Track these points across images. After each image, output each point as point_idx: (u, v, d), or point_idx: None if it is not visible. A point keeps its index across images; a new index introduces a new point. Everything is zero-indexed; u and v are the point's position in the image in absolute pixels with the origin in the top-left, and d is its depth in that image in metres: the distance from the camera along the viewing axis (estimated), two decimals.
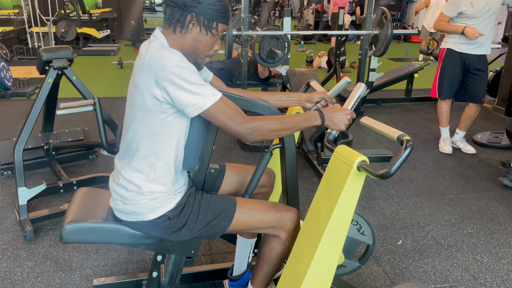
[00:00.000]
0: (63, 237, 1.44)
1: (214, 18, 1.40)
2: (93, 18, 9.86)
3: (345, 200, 1.33)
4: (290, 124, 1.43)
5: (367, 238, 1.88)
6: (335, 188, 1.35)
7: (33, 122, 2.68)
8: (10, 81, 5.49)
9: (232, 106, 1.36)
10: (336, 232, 1.37)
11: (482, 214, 2.89)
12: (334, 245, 1.39)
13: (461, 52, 3.66)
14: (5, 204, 2.85)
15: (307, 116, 1.45)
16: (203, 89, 1.32)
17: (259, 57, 3.74)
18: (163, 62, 1.30)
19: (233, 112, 1.34)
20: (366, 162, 1.29)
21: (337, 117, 1.46)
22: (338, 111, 1.47)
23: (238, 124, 1.34)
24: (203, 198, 1.52)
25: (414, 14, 8.14)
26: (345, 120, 1.47)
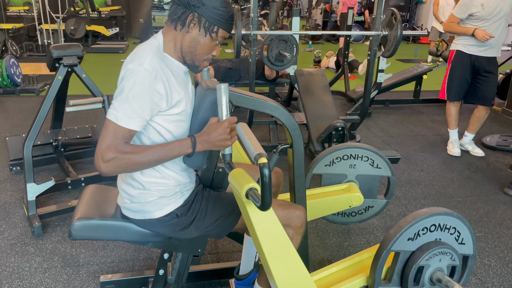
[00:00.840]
0: (72, 234, 1.45)
1: (216, 22, 1.38)
2: (102, 16, 9.91)
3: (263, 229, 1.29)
4: (155, 155, 1.31)
5: (383, 171, 1.83)
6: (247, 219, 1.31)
7: (43, 119, 2.70)
8: (20, 78, 5.54)
9: (117, 135, 1.27)
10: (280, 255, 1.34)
11: (490, 217, 2.86)
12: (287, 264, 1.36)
13: (471, 54, 3.64)
14: (14, 200, 2.88)
15: (177, 145, 1.34)
16: (125, 105, 1.27)
17: (267, 59, 3.73)
18: (129, 60, 1.32)
19: (110, 138, 1.26)
20: (255, 190, 1.19)
21: (214, 137, 1.33)
22: (213, 131, 1.33)
23: (100, 149, 1.26)
24: (211, 196, 1.52)
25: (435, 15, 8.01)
26: (225, 135, 1.33)
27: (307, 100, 3.69)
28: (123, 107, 1.27)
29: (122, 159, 1.26)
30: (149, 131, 1.38)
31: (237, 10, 3.62)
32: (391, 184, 1.86)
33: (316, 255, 2.39)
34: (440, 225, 1.46)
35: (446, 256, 1.48)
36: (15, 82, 5.39)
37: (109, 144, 1.26)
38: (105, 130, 1.28)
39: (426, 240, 1.47)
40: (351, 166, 2.01)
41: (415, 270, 1.45)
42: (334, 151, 2.03)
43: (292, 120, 1.59)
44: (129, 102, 1.27)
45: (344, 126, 3.21)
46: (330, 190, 2.04)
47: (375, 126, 4.68)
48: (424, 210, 1.45)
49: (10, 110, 4.78)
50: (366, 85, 3.82)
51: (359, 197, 1.91)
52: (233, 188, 1.29)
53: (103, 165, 1.26)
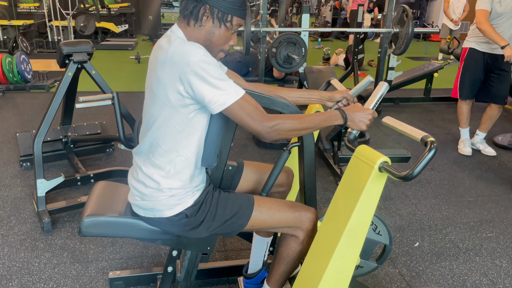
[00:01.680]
0: (82, 230, 1.45)
1: (229, 11, 1.36)
2: (111, 13, 9.94)
3: (366, 201, 1.31)
4: (310, 123, 1.40)
5: (383, 238, 1.85)
6: (355, 189, 1.33)
7: (53, 115, 2.72)
8: (30, 74, 5.58)
9: (253, 104, 1.34)
10: (355, 233, 1.35)
11: (502, 217, 2.83)
12: (353, 246, 1.37)
13: (484, 51, 3.58)
14: (24, 195, 2.89)
15: (328, 116, 1.43)
16: (227, 85, 1.30)
17: (275, 62, 3.71)
18: (187, 56, 1.28)
19: (254, 110, 1.32)
20: (388, 163, 1.27)
21: (358, 116, 1.44)
22: (360, 111, 1.45)
23: (258, 123, 1.32)
24: (221, 196, 1.51)
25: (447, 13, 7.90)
26: (366, 120, 1.45)
27: None
28: (230, 84, 1.31)
29: (285, 123, 1.34)
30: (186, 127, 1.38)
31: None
32: (386, 252, 1.88)
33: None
34: None
35: None
36: (25, 78, 5.43)
37: (260, 116, 1.32)
38: (242, 111, 1.31)
39: None
40: None
41: None
42: None
43: None
44: (226, 80, 1.31)
45: None
46: None
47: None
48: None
49: (20, 106, 4.81)
50: (376, 82, 3.79)
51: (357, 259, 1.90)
52: (358, 159, 1.35)
53: (270, 131, 1.33)
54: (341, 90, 1.75)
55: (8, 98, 5.12)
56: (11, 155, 3.51)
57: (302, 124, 1.39)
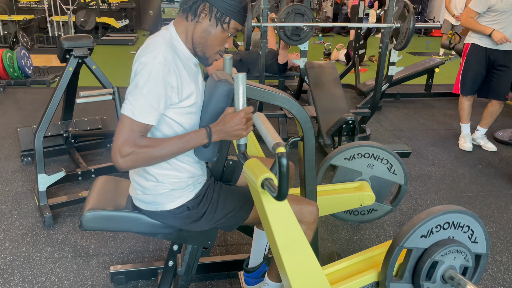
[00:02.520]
0: (83, 224, 1.46)
1: (228, 13, 1.35)
2: (112, 8, 9.91)
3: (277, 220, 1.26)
4: (171, 148, 1.30)
5: (398, 178, 1.79)
6: (261, 210, 1.29)
7: (54, 110, 2.72)
8: (31, 69, 5.57)
9: (133, 130, 1.26)
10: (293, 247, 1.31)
11: (502, 213, 2.83)
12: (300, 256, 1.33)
13: (486, 47, 3.57)
14: (25, 190, 2.90)
15: (193, 136, 1.33)
16: (141, 100, 1.26)
17: (283, 34, 3.61)
18: (141, 52, 1.31)
19: (126, 133, 1.25)
20: (271, 180, 1.16)
21: (229, 127, 1.32)
22: (229, 121, 1.32)
23: (117, 144, 1.24)
24: (222, 189, 1.51)
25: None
26: (241, 125, 1.32)
27: (317, 93, 3.66)
28: (139, 102, 1.26)
29: (139, 153, 1.26)
30: (160, 124, 1.37)
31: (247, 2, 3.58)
32: (401, 193, 1.82)
33: (326, 249, 2.38)
34: (454, 223, 1.44)
35: (461, 256, 1.46)
36: (26, 73, 5.43)
37: (126, 139, 1.25)
38: (121, 125, 1.27)
39: (439, 238, 1.45)
40: (369, 165, 1.97)
41: (429, 264, 1.44)
42: (358, 147, 1.99)
43: (303, 113, 1.57)
44: (144, 96, 1.26)
45: (354, 119, 3.18)
46: (342, 187, 2.02)
47: (385, 119, 4.64)
48: (438, 207, 1.43)
49: (21, 102, 4.81)
50: (377, 78, 3.78)
51: (371, 197, 1.88)
52: (247, 178, 1.27)
53: (121, 160, 1.25)
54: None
55: (9, 93, 5.12)
56: (12, 150, 3.51)
57: (160, 151, 1.28)
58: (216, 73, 1.52)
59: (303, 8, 3.57)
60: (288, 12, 3.56)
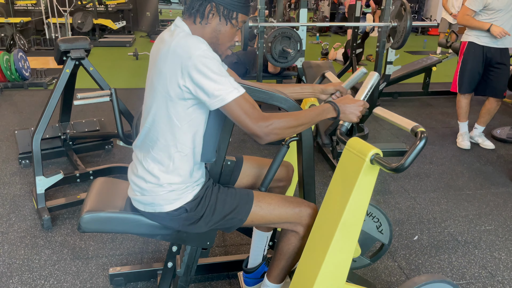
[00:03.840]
0: (81, 226, 1.45)
1: (234, 8, 1.37)
2: (109, 9, 9.91)
3: (359, 193, 1.32)
4: (305, 119, 1.40)
5: (383, 237, 1.84)
6: (348, 182, 1.33)
7: (51, 112, 2.71)
8: (28, 71, 5.56)
9: (251, 102, 1.33)
10: (350, 225, 1.35)
11: (501, 210, 2.83)
12: (349, 238, 1.37)
13: (483, 45, 3.58)
14: (23, 193, 2.90)
15: (321, 109, 1.43)
16: (227, 82, 1.29)
17: (271, 56, 3.69)
18: (190, 50, 1.28)
19: (251, 109, 1.31)
20: (380, 155, 1.27)
21: (348, 108, 1.44)
22: (350, 103, 1.44)
23: (254, 122, 1.30)
24: (220, 191, 1.51)
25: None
26: (357, 111, 1.44)
27: None
28: (230, 81, 1.30)
29: (280, 122, 1.33)
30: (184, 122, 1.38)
31: None
32: (382, 251, 1.87)
33: None
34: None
35: None
36: (23, 76, 5.42)
37: (256, 115, 1.31)
38: (239, 109, 1.30)
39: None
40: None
41: None
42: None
43: None
44: (227, 77, 1.30)
45: None
46: None
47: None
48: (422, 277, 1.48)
49: (18, 104, 4.81)
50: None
51: (357, 250, 1.90)
52: (350, 152, 1.35)
53: (266, 131, 1.30)
54: (334, 83, 1.74)
55: (6, 96, 5.11)
56: (10, 153, 3.51)
57: (297, 120, 1.37)
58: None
59: (290, 31, 3.61)
60: (276, 36, 3.60)
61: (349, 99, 1.46)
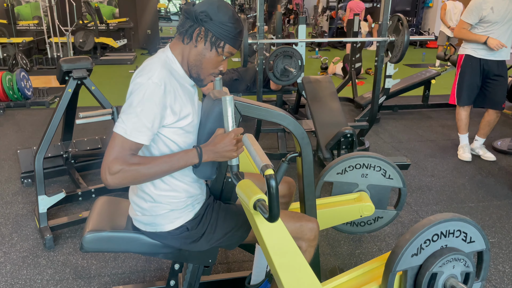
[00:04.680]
0: (84, 246, 1.46)
1: (223, 37, 1.37)
2: (110, 28, 10.02)
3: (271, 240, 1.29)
4: (161, 167, 1.30)
5: (395, 182, 1.81)
6: (256, 230, 1.32)
7: (53, 131, 2.73)
8: (30, 91, 5.61)
9: (125, 148, 1.27)
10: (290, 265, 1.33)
11: (504, 222, 2.82)
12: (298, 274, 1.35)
13: (480, 58, 3.61)
14: (25, 212, 2.90)
15: (183, 155, 1.34)
16: (134, 119, 1.27)
17: (273, 75, 3.76)
18: (138, 73, 1.34)
19: (116, 151, 1.26)
20: (263, 201, 1.19)
21: (220, 148, 1.33)
22: (219, 142, 1.34)
23: (106, 162, 1.26)
24: (221, 208, 1.51)
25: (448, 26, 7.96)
26: (231, 146, 1.33)
27: (315, 107, 3.69)
28: (132, 121, 1.28)
29: (128, 170, 1.26)
30: (157, 142, 1.39)
31: (243, 20, 3.64)
32: (402, 196, 1.83)
33: (328, 264, 2.37)
34: (442, 232, 1.44)
35: (459, 263, 1.45)
36: (25, 95, 5.46)
37: (116, 156, 1.26)
38: (113, 143, 1.28)
39: (431, 251, 1.45)
40: (363, 175, 1.99)
41: (428, 278, 1.43)
42: (347, 159, 2.02)
43: (300, 129, 1.58)
44: (138, 116, 1.28)
45: (352, 132, 3.20)
46: (341, 199, 2.03)
47: (384, 132, 4.66)
48: (422, 222, 1.43)
49: (21, 123, 4.84)
50: (374, 91, 3.81)
51: (370, 207, 1.89)
52: (240, 200, 1.29)
53: (110, 178, 1.25)
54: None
55: (9, 115, 5.15)
56: (12, 172, 3.52)
57: (149, 169, 1.28)
58: (213, 92, 1.54)
59: (291, 50, 3.68)
60: (277, 54, 3.67)
61: (218, 137, 1.35)
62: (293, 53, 3.69)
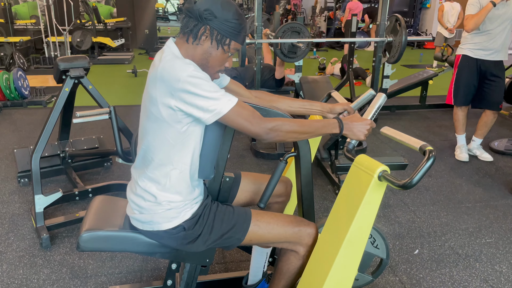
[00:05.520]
0: (80, 245, 1.45)
1: (228, 34, 1.38)
2: (108, 28, 10.00)
3: (365, 209, 1.32)
4: (309, 128, 1.42)
5: (381, 252, 1.84)
6: (355, 198, 1.34)
7: (50, 131, 2.72)
8: (27, 90, 5.59)
9: (248, 109, 1.36)
10: (355, 243, 1.35)
11: (501, 223, 2.83)
12: (353, 256, 1.37)
13: (477, 58, 3.62)
14: (22, 212, 2.89)
15: (326, 123, 1.46)
16: (219, 95, 1.32)
17: (280, 52, 3.67)
18: (177, 73, 1.30)
19: (251, 115, 1.35)
20: (387, 172, 1.29)
21: (356, 127, 1.47)
22: (358, 121, 1.47)
23: (257, 125, 1.34)
24: (218, 210, 1.51)
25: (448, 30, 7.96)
26: (364, 130, 1.47)
27: None
28: (221, 94, 1.32)
29: (284, 124, 1.37)
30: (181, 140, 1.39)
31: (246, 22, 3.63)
32: (382, 266, 1.87)
33: None
34: None
35: None
36: (22, 94, 5.44)
37: (258, 118, 1.35)
38: (239, 118, 1.33)
39: None
40: None
41: None
42: None
43: None
44: (217, 91, 1.32)
45: None
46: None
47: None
48: None
49: (18, 122, 4.82)
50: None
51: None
52: (358, 169, 1.37)
53: (268, 132, 1.35)
54: (342, 103, 1.77)
55: (6, 114, 5.13)
56: (9, 172, 3.51)
57: (300, 127, 1.40)
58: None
59: (299, 26, 3.62)
60: (285, 31, 3.61)
61: (357, 117, 1.49)
62: (301, 29, 3.63)
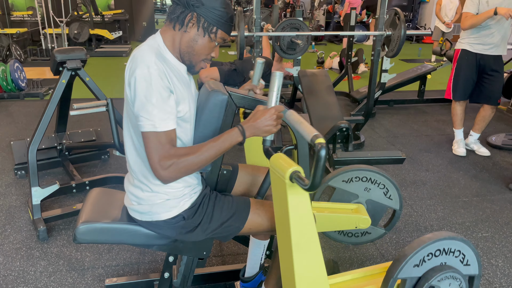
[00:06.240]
0: (77, 237, 1.45)
1: (215, 23, 1.37)
2: (105, 20, 9.94)
3: (296, 214, 1.27)
4: (209, 152, 1.33)
5: (394, 203, 1.81)
6: (282, 204, 1.30)
7: (47, 123, 2.71)
8: (24, 82, 5.56)
9: (162, 141, 1.29)
10: (304, 247, 1.32)
11: (497, 217, 2.84)
12: (310, 260, 1.34)
13: (476, 52, 3.61)
14: (19, 204, 2.88)
15: (226, 136, 1.36)
16: (155, 111, 1.28)
17: (279, 48, 3.65)
18: (132, 65, 1.31)
19: (159, 147, 1.28)
20: (299, 172, 1.20)
21: (261, 123, 1.36)
22: (260, 117, 1.36)
23: (156, 161, 1.28)
24: (218, 199, 1.51)
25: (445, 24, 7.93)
26: (272, 121, 1.36)
27: (310, 101, 3.68)
28: (154, 113, 1.28)
29: (180, 162, 1.29)
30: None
31: (239, 12, 3.60)
32: (395, 217, 1.84)
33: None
34: (445, 249, 1.45)
35: (456, 282, 1.46)
36: (19, 86, 5.41)
37: (161, 154, 1.28)
38: (149, 143, 1.29)
39: (431, 266, 1.46)
40: (366, 189, 1.98)
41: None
42: (356, 170, 2.00)
43: None
44: (155, 106, 1.28)
45: (348, 127, 3.20)
46: (339, 207, 2.02)
47: (379, 126, 4.66)
48: (429, 235, 1.44)
49: (14, 115, 4.80)
50: (370, 85, 3.81)
51: (367, 220, 1.89)
52: (273, 172, 1.29)
53: (164, 173, 1.28)
54: (245, 83, 1.65)
55: (2, 106, 5.10)
56: (6, 164, 3.49)
57: (199, 157, 1.32)
58: (209, 83, 1.53)
59: (299, 22, 3.60)
60: (284, 27, 3.59)
61: (259, 113, 1.37)
62: (300, 25, 3.61)
